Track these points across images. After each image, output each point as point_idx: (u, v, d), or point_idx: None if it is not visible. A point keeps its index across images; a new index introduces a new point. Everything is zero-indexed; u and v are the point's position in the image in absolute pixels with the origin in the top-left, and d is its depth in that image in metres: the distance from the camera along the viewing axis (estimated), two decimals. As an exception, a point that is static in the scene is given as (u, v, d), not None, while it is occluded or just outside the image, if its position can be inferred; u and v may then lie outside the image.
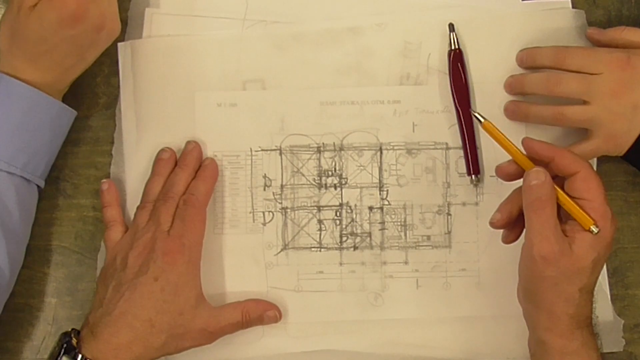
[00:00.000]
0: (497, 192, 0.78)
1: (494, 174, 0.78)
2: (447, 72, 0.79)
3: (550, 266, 0.66)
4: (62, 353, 0.70)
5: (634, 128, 0.74)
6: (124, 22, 0.80)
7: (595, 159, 0.79)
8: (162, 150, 0.78)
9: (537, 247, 0.66)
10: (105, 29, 0.73)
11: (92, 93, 0.81)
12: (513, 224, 0.72)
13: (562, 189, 0.68)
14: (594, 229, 0.66)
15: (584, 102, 0.74)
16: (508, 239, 0.73)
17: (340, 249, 0.79)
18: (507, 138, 0.71)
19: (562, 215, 0.68)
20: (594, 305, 0.78)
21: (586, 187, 0.67)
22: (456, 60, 0.79)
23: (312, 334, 0.78)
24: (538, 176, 0.67)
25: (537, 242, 0.66)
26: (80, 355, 0.69)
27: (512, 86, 0.78)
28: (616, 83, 0.73)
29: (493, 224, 0.72)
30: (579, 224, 0.67)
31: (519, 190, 0.69)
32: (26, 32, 0.71)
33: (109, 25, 0.73)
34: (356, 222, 0.79)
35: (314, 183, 0.79)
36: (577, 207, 0.67)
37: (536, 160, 0.69)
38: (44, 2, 0.70)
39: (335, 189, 0.79)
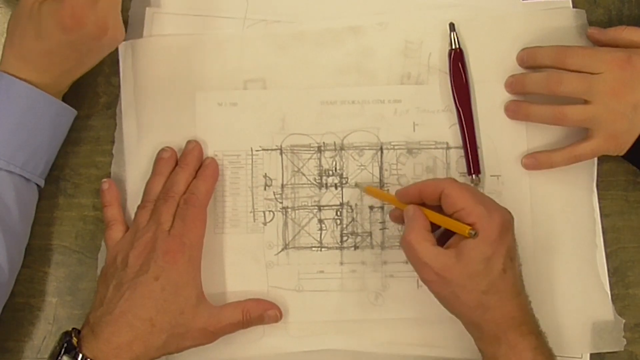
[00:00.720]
0: (498, 192, 0.78)
1: (495, 174, 0.79)
2: (448, 71, 0.79)
3: (442, 284, 0.69)
4: (62, 352, 0.70)
5: (635, 127, 0.74)
6: (125, 22, 0.80)
7: (595, 159, 0.79)
8: (162, 150, 0.78)
9: (424, 273, 0.70)
10: (107, 36, 0.73)
11: (92, 92, 0.81)
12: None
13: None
14: (471, 232, 0.68)
15: (585, 102, 0.74)
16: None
17: (341, 248, 0.79)
18: (385, 193, 0.77)
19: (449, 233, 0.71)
20: (593, 304, 0.78)
21: (452, 199, 0.70)
22: (457, 60, 0.79)
23: (312, 334, 0.78)
24: (407, 209, 0.72)
25: (421, 268, 0.70)
26: (80, 355, 0.69)
27: (513, 86, 0.78)
28: (617, 82, 0.73)
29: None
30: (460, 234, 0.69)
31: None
32: (26, 29, 0.71)
33: (110, 33, 0.73)
34: (357, 221, 0.79)
35: (314, 182, 0.79)
36: (449, 220, 0.70)
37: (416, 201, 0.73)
38: (45, 6, 0.70)
39: (336, 188, 0.79)
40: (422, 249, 0.70)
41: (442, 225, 0.71)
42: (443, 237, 0.72)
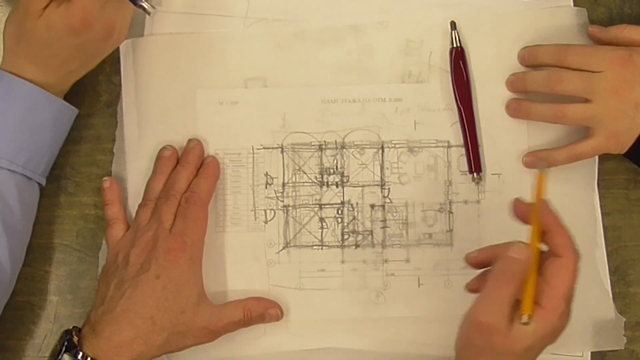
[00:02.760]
0: (498, 190, 0.79)
1: (496, 172, 0.79)
2: (449, 70, 0.79)
3: (481, 336, 0.64)
4: (63, 351, 0.70)
5: (636, 126, 0.74)
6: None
7: (596, 157, 0.79)
8: (163, 148, 0.78)
9: (478, 310, 0.64)
10: (112, 38, 0.73)
11: (93, 91, 0.81)
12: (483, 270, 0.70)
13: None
14: (524, 319, 0.62)
15: (586, 100, 0.74)
16: (471, 288, 0.71)
17: (342, 247, 0.79)
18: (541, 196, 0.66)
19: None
20: (594, 303, 0.78)
21: (558, 274, 0.63)
22: (458, 58, 0.79)
23: (313, 332, 0.78)
24: (520, 251, 0.63)
25: (481, 306, 0.64)
26: (81, 353, 0.69)
27: (514, 84, 0.78)
28: (618, 81, 0.73)
29: (467, 260, 0.70)
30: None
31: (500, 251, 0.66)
32: (33, 36, 0.71)
33: (115, 34, 0.73)
34: (358, 220, 0.79)
35: (315, 181, 0.79)
36: (530, 294, 0.63)
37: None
38: (52, 8, 0.70)
39: (337, 187, 0.79)
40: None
41: (524, 287, 0.63)
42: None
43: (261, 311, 0.76)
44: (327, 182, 0.79)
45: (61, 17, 0.70)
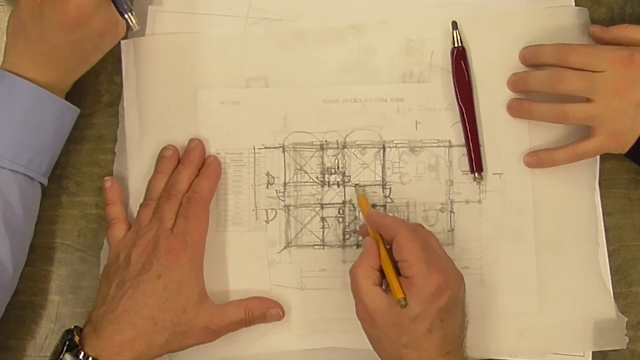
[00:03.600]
0: (500, 190, 0.79)
1: (497, 172, 0.79)
2: (450, 69, 0.79)
3: (370, 324, 0.71)
4: (64, 350, 0.70)
5: (637, 126, 0.74)
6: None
7: (598, 157, 0.79)
8: (165, 148, 0.78)
9: (358, 308, 0.71)
10: (109, 33, 0.73)
11: (95, 91, 0.81)
12: None
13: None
14: (401, 302, 0.68)
15: (587, 100, 0.74)
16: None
17: (343, 246, 0.79)
18: (367, 210, 0.76)
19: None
20: (595, 302, 0.78)
21: (400, 248, 0.70)
22: (459, 58, 0.79)
23: (315, 332, 0.78)
24: (365, 240, 0.74)
25: (357, 303, 0.71)
26: (82, 353, 0.69)
27: (515, 84, 0.78)
28: (619, 81, 0.73)
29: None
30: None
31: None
32: (29, 29, 0.71)
33: (112, 29, 0.73)
34: (359, 219, 0.79)
35: (317, 181, 0.79)
36: (391, 274, 0.70)
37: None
38: (47, 2, 0.70)
39: (338, 186, 0.79)
40: (363, 285, 0.70)
41: (385, 274, 0.71)
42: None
43: (262, 311, 0.76)
44: (329, 182, 0.79)
45: (56, 12, 0.70)
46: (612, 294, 0.79)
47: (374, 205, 0.79)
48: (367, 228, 0.74)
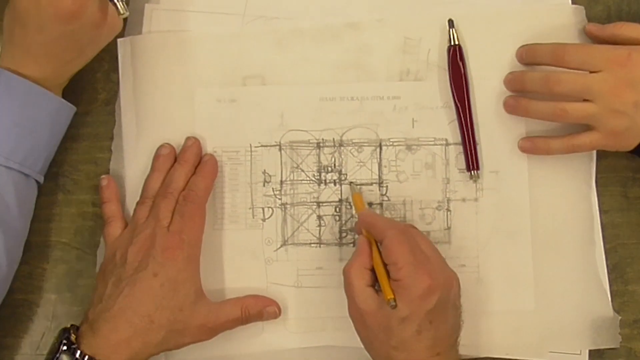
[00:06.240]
0: (496, 188, 0.79)
1: (494, 170, 0.79)
2: (447, 67, 0.79)
3: (361, 324, 0.71)
4: (61, 349, 0.70)
5: (636, 125, 0.74)
6: (124, 19, 0.80)
7: (594, 155, 0.79)
8: (161, 146, 0.78)
9: (350, 308, 0.71)
10: (106, 25, 0.73)
11: (91, 89, 0.81)
12: None
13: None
14: (391, 303, 0.68)
15: (585, 100, 0.74)
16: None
17: (340, 244, 0.79)
18: (361, 208, 0.76)
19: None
20: (592, 301, 0.78)
21: (389, 251, 0.70)
22: (456, 56, 0.79)
23: (311, 330, 0.78)
24: (359, 239, 0.74)
25: (349, 302, 0.71)
26: (79, 351, 0.69)
27: (512, 83, 0.78)
28: (616, 81, 0.73)
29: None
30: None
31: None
32: (26, 22, 0.71)
33: (109, 21, 0.73)
34: (355, 218, 0.79)
35: (313, 179, 0.79)
36: (382, 276, 0.70)
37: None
38: None
39: (335, 184, 0.79)
40: (356, 286, 0.70)
41: (377, 275, 0.71)
42: None
43: (259, 309, 0.76)
44: (325, 180, 0.79)
45: (51, 4, 0.69)
46: (608, 292, 0.79)
47: (370, 204, 0.79)
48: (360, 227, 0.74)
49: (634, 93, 0.73)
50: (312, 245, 0.79)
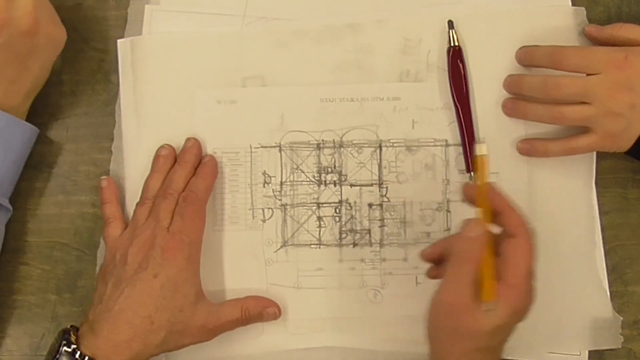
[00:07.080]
0: (496, 189, 0.79)
1: (493, 171, 0.79)
2: (447, 69, 0.79)
3: (450, 317, 0.65)
4: (61, 350, 0.70)
5: (633, 126, 0.74)
6: (124, 19, 0.80)
7: (594, 156, 0.79)
8: (161, 147, 0.78)
9: (444, 294, 0.65)
10: (40, 33, 0.71)
11: (91, 90, 0.81)
12: (442, 262, 0.71)
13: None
14: (487, 305, 0.63)
15: (582, 103, 0.74)
16: (431, 274, 0.73)
17: (340, 245, 0.79)
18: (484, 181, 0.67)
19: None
20: (592, 301, 0.78)
21: (515, 253, 0.64)
22: (455, 57, 0.79)
23: (311, 331, 0.78)
24: (473, 229, 0.65)
25: (445, 288, 0.65)
26: (79, 352, 0.69)
27: (510, 86, 0.78)
28: (614, 83, 0.73)
29: (422, 256, 0.73)
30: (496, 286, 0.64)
31: (455, 237, 0.68)
32: None
33: (44, 29, 0.71)
34: (355, 219, 0.79)
35: (313, 180, 0.79)
36: (489, 279, 0.64)
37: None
38: None
39: (335, 185, 0.79)
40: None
41: (483, 272, 0.64)
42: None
43: (259, 310, 0.76)
44: (325, 181, 0.79)
45: None
46: (608, 293, 0.79)
47: (370, 205, 0.79)
48: (475, 198, 0.67)
49: (631, 95, 0.73)
50: (312, 246, 0.79)
